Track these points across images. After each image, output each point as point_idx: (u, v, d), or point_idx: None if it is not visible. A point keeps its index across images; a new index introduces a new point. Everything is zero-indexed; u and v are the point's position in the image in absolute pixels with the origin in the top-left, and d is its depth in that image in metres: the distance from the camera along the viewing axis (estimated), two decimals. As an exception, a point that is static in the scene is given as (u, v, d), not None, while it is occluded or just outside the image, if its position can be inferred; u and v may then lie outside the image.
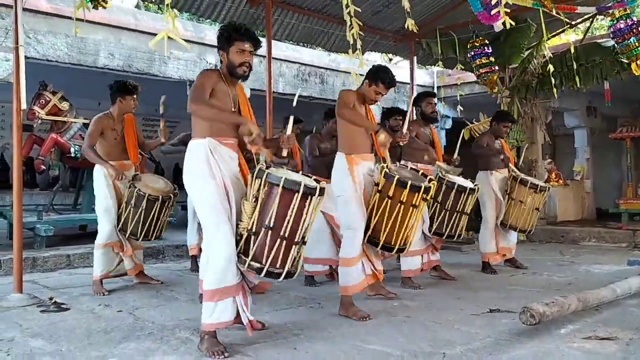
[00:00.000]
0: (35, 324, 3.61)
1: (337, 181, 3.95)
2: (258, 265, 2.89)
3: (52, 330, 3.47)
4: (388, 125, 6.04)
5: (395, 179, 3.78)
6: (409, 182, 3.78)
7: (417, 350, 3.03)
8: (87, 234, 7.62)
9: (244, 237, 2.92)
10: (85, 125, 7.14)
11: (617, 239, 8.16)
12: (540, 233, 8.35)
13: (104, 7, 4.71)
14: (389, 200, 3.82)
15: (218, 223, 2.92)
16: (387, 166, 3.91)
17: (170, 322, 3.64)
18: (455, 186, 4.86)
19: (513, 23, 4.25)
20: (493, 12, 4.41)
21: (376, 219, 3.86)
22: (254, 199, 2.90)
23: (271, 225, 2.86)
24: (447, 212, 4.92)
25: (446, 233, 4.96)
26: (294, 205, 2.86)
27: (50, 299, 4.26)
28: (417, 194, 3.81)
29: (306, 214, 2.92)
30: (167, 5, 2.93)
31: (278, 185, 2.84)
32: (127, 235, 4.68)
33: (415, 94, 6.43)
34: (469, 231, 7.94)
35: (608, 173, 12.17)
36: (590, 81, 7.70)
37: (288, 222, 2.88)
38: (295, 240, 2.93)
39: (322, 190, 2.96)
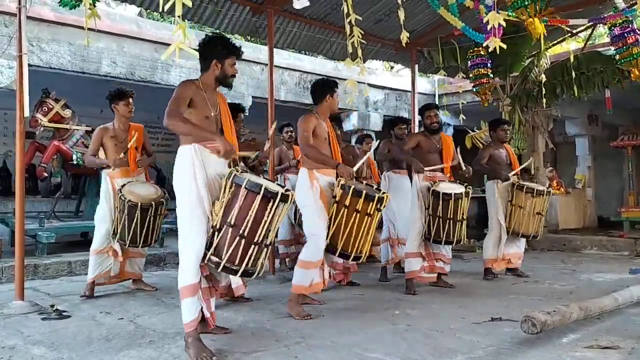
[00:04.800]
0: (37, 332, 3.61)
1: (299, 193, 4.13)
2: (217, 259, 3.05)
3: (53, 337, 3.47)
4: (393, 134, 6.09)
5: (351, 189, 4.00)
6: (364, 192, 4.01)
7: (418, 358, 3.03)
8: (88, 241, 7.60)
9: (209, 233, 3.09)
10: (88, 133, 7.17)
11: (618, 247, 8.15)
12: (542, 241, 8.33)
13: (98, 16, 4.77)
14: (345, 210, 4.03)
15: (193, 227, 3.09)
16: (343, 179, 4.12)
17: (171, 330, 3.64)
18: (441, 195, 4.93)
19: (504, 46, 4.31)
20: (486, 43, 4.49)
21: (334, 227, 4.05)
22: (222, 199, 3.09)
23: (232, 223, 3.02)
24: (439, 219, 4.96)
25: (454, 240, 5.03)
26: (255, 206, 3.01)
27: (52, 306, 4.25)
28: (371, 203, 4.03)
29: (267, 216, 3.05)
30: (179, 17, 2.97)
31: (241, 185, 3.02)
32: (116, 239, 4.76)
33: (417, 103, 6.45)
34: (470, 239, 7.95)
35: (609, 181, 12.17)
36: (591, 89, 7.72)
37: (248, 222, 3.01)
38: (255, 240, 3.04)
39: (284, 196, 3.08)
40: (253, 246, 3.05)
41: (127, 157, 4.82)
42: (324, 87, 4.33)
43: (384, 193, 4.19)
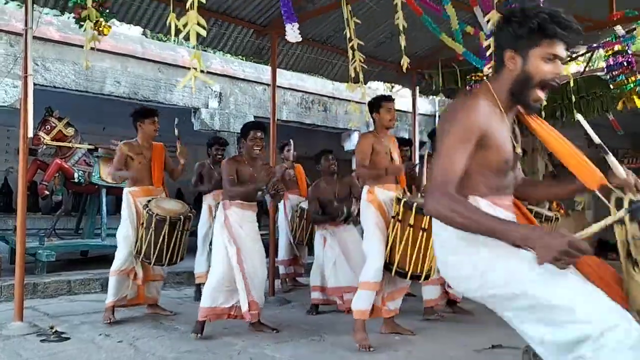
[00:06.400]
0: (35, 355, 3.59)
1: (362, 213, 4.21)
2: None
3: (52, 361, 3.45)
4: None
5: (414, 206, 3.86)
6: None
7: (419, 387, 3.01)
8: (88, 260, 7.61)
9: None
10: (90, 151, 7.20)
11: (619, 270, 8.10)
12: (542, 264, 8.29)
13: (105, 34, 4.80)
14: (411, 229, 3.89)
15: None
16: (403, 196, 4.04)
17: (170, 354, 3.62)
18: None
19: None
20: (486, 68, 4.54)
21: (400, 248, 3.92)
22: None
23: None
24: None
25: None
26: None
27: (51, 327, 4.23)
28: None
29: None
30: (195, 46, 3.00)
31: None
32: (140, 258, 4.64)
33: (417, 124, 6.36)
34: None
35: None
36: (591, 113, 7.77)
37: None
38: None
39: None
40: None
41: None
42: (371, 104, 4.32)
43: None
